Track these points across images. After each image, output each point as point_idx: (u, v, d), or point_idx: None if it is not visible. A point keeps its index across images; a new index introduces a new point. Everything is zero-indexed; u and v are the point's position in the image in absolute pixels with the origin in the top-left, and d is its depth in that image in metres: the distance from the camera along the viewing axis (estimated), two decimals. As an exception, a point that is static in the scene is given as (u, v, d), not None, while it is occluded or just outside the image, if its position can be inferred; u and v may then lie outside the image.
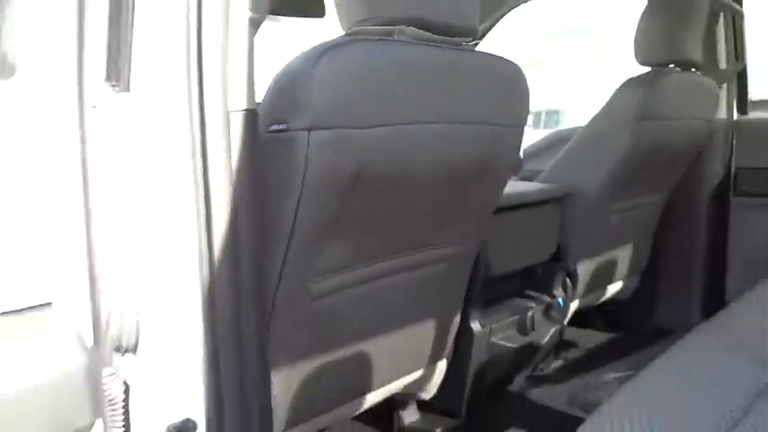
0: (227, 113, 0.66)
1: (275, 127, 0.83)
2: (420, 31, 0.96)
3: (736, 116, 2.06)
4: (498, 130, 1.12)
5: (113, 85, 0.59)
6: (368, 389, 1.25)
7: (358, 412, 1.29)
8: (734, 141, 2.04)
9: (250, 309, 0.70)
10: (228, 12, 0.65)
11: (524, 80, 1.14)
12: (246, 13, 0.69)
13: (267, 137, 0.82)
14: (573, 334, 2.01)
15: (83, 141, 0.55)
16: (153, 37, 0.61)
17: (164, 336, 0.65)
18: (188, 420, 0.68)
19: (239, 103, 0.69)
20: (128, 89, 0.60)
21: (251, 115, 0.70)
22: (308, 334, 1.05)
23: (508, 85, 1.11)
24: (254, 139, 0.71)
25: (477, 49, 1.15)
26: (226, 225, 0.67)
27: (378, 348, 1.21)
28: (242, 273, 0.69)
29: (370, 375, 1.23)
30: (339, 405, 1.20)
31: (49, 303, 0.50)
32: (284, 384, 1.03)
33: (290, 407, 1.06)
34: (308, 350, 1.07)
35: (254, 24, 0.70)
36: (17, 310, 0.47)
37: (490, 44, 2.60)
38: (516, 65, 1.12)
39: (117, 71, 0.59)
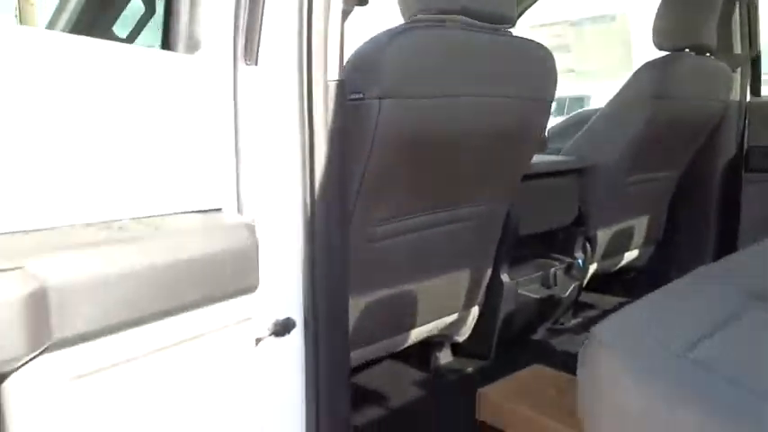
0: (327, 82, 0.87)
1: (353, 96, 1.03)
2: (467, 18, 1.15)
3: (749, 98, 2.21)
4: (529, 104, 1.31)
5: (247, 60, 0.80)
6: (412, 325, 1.46)
7: (403, 347, 1.50)
8: (746, 121, 2.19)
9: (337, 229, 0.91)
10: (330, 5, 0.86)
11: (553, 61, 1.33)
12: (340, 6, 0.89)
13: (347, 104, 1.03)
14: (591, 298, 2.19)
15: (235, 100, 0.76)
16: (275, 23, 0.82)
17: (275, 251, 0.86)
18: (289, 318, 0.90)
19: (334, 75, 0.89)
20: (256, 63, 0.81)
21: (342, 84, 0.91)
22: (368, 271, 1.26)
23: (539, 65, 1.30)
24: (342, 102, 0.92)
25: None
26: (323, 168, 0.87)
27: (422, 290, 1.42)
28: (331, 202, 0.90)
29: (415, 313, 1.45)
30: (389, 336, 1.42)
31: (220, 209, 0.72)
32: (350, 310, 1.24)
33: (352, 331, 1.28)
34: (367, 284, 1.28)
35: (345, 14, 0.91)
36: (204, 210, 0.69)
37: (517, 30, 2.77)
38: (546, 48, 1.31)
39: (251, 49, 0.80)
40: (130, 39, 1.70)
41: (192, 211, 0.67)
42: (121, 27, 1.74)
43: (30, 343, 0.45)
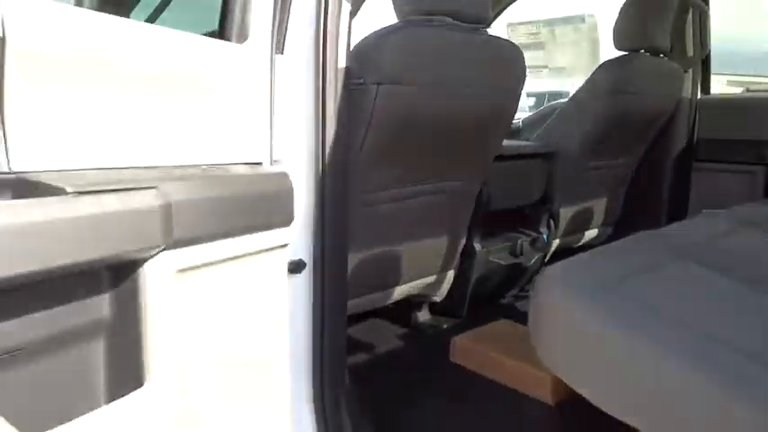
0: (337, 69, 1.09)
1: (355, 81, 1.25)
2: (450, 19, 1.38)
3: (699, 95, 2.48)
4: (501, 94, 1.55)
5: (277, 49, 1.02)
6: (397, 282, 1.69)
7: (388, 302, 1.73)
8: (696, 116, 2.45)
9: (340, 191, 1.13)
10: (340, 7, 1.08)
11: (522, 58, 1.57)
12: (348, 7, 1.11)
13: (350, 88, 1.24)
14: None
15: (271, 82, 0.97)
16: (298, 21, 1.03)
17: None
18: (300, 260, 1.11)
19: (342, 63, 1.11)
20: (282, 52, 1.03)
21: (348, 70, 1.13)
22: (362, 231, 1.49)
23: (510, 61, 1.54)
24: (348, 85, 1.13)
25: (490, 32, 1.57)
26: (331, 140, 1.09)
27: (406, 252, 1.65)
28: (337, 168, 1.11)
29: (399, 272, 1.68)
30: (376, 291, 1.64)
31: (261, 162, 0.94)
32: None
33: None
34: (360, 243, 1.51)
35: (352, 15, 1.13)
36: (251, 163, 0.90)
37: (495, 27, 3.01)
38: (517, 46, 1.55)
39: (280, 42, 1.01)
40: (150, 22, 1.90)
41: (245, 163, 0.89)
42: (141, 11, 1.94)
43: (161, 239, 0.66)
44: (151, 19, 1.88)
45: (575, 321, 1.06)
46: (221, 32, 0.92)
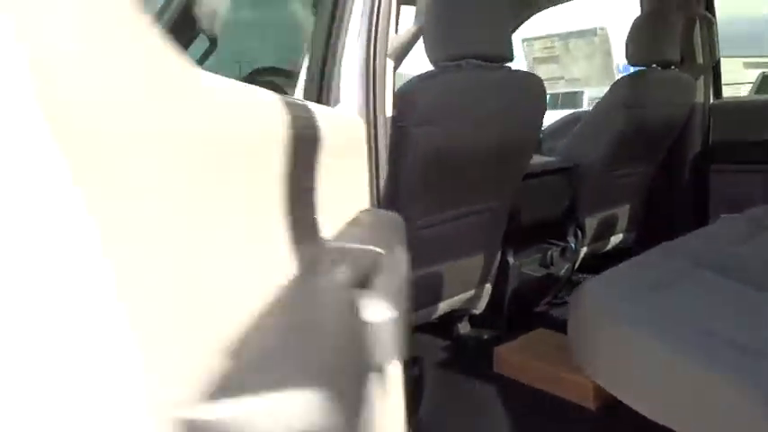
0: (385, 119, 1.24)
1: (398, 124, 1.40)
2: (477, 61, 1.52)
3: (712, 100, 2.59)
4: (525, 122, 1.69)
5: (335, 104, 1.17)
6: (440, 299, 1.83)
7: (435, 316, 1.86)
8: (710, 120, 2.56)
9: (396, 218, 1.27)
10: (385, 67, 1.23)
11: (543, 87, 1.71)
12: (391, 64, 1.26)
13: (395, 131, 1.39)
14: (584, 278, 2.56)
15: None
16: (351, 80, 1.18)
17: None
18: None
19: (388, 113, 1.26)
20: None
21: (393, 119, 1.27)
22: (410, 254, 1.62)
23: (532, 92, 1.68)
24: (394, 130, 1.28)
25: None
26: (384, 178, 1.24)
27: (447, 271, 1.79)
28: (389, 201, 1.25)
29: (442, 289, 1.81)
30: (422, 308, 1.78)
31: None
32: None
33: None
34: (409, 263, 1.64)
35: (394, 69, 1.28)
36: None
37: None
38: (538, 77, 1.69)
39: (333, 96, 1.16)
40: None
41: (365, 210, 1.04)
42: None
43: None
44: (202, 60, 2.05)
45: (611, 332, 1.19)
46: (319, 98, 1.09)
